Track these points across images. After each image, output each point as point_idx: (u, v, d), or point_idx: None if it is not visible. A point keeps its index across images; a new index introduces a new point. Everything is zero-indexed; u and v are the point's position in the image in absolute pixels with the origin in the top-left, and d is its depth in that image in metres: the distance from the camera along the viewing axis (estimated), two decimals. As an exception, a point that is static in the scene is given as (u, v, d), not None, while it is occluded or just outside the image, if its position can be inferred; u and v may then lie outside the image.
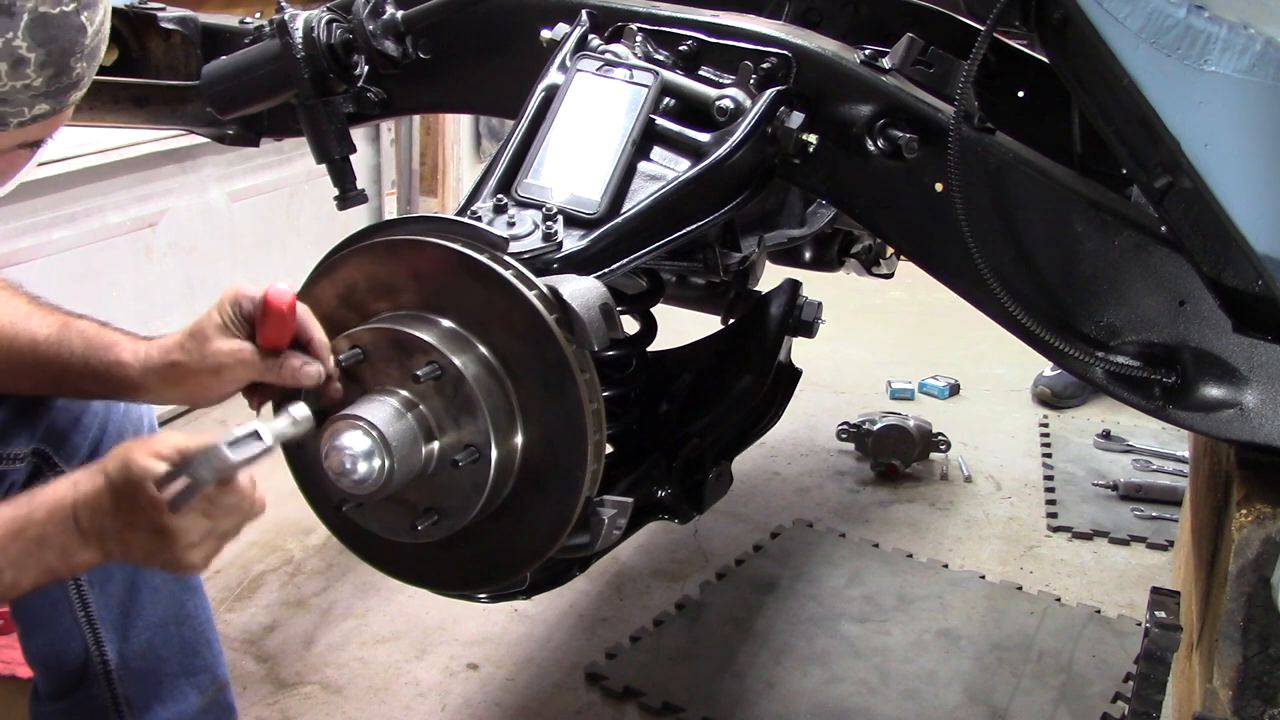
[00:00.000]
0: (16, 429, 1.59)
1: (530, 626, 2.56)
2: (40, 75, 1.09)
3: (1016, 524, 3.12)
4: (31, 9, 1.06)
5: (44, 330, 1.45)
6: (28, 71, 1.08)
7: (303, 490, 1.39)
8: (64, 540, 1.19)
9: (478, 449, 1.21)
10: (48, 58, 1.09)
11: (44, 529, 1.19)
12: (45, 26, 1.07)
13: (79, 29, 1.10)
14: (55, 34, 1.08)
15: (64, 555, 1.20)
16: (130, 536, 1.19)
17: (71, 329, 1.44)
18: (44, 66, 1.09)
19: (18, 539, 1.19)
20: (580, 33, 1.57)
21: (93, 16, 1.12)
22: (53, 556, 1.20)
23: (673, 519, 1.78)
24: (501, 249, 1.25)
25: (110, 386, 1.44)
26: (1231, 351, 1.32)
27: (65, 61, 1.11)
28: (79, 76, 1.14)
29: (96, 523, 1.19)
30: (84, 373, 1.43)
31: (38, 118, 1.12)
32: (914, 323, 4.50)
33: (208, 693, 1.77)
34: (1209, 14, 1.12)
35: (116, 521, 1.18)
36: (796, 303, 1.96)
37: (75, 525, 1.19)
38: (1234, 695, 1.29)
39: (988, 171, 1.41)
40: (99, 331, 1.44)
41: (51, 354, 1.43)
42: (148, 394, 1.43)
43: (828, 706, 2.32)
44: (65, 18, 1.09)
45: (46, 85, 1.10)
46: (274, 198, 3.94)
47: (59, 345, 1.43)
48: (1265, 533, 1.24)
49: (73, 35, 1.10)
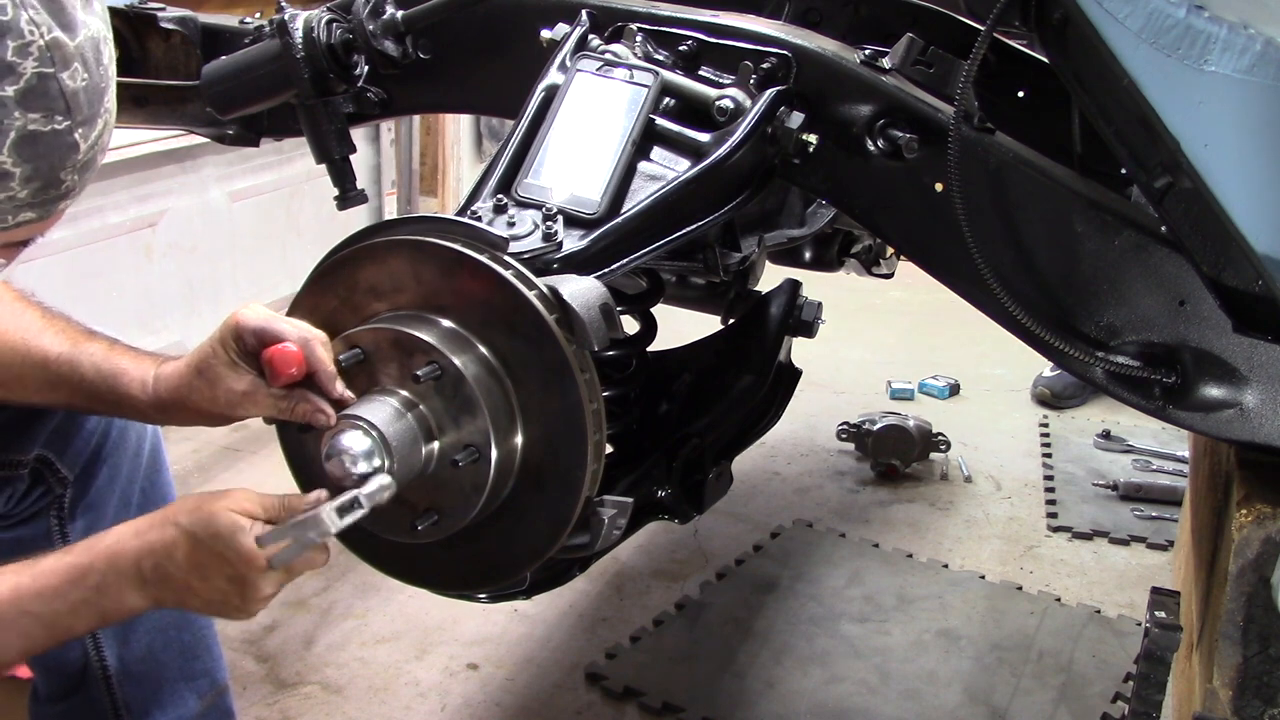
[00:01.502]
0: (19, 435, 1.59)
1: (530, 626, 2.56)
2: (26, 188, 1.04)
3: (1016, 524, 3.12)
4: (20, 127, 1.00)
5: (55, 349, 1.44)
6: (12, 185, 1.03)
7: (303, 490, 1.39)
8: (121, 587, 1.21)
9: (478, 449, 1.21)
10: (34, 172, 1.04)
11: (104, 577, 1.21)
12: (33, 144, 1.02)
13: (71, 146, 1.05)
14: (44, 151, 1.03)
15: (119, 602, 1.22)
16: (200, 586, 1.20)
17: (82, 352, 1.43)
18: (30, 180, 1.04)
19: (78, 586, 1.21)
20: (580, 33, 1.57)
21: (88, 134, 1.07)
22: (108, 603, 1.22)
23: (673, 519, 1.78)
24: (501, 249, 1.25)
25: (119, 413, 1.45)
26: (1231, 351, 1.32)
27: (54, 175, 1.06)
28: (69, 188, 1.09)
29: (161, 572, 1.20)
30: (92, 396, 1.43)
31: (22, 224, 1.08)
32: (914, 323, 4.50)
33: (207, 697, 1.77)
34: (1209, 14, 1.12)
35: (187, 571, 1.19)
36: (796, 303, 1.96)
37: (137, 573, 1.20)
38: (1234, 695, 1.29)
39: (988, 171, 1.41)
40: (108, 357, 1.42)
41: (63, 374, 1.43)
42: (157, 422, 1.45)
43: (828, 706, 2.32)
44: (56, 136, 1.03)
45: (33, 197, 1.05)
46: (274, 198, 3.95)
47: (70, 369, 1.43)
48: (1265, 533, 1.24)
49: (64, 152, 1.05)
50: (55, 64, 1.01)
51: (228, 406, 1.31)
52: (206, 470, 3.24)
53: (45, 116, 1.02)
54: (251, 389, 1.28)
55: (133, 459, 1.69)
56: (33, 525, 1.64)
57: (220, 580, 1.19)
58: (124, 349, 1.44)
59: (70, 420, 1.61)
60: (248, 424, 3.23)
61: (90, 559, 1.21)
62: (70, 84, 1.02)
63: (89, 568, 1.21)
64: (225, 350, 1.29)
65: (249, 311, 1.28)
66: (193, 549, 1.18)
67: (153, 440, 1.72)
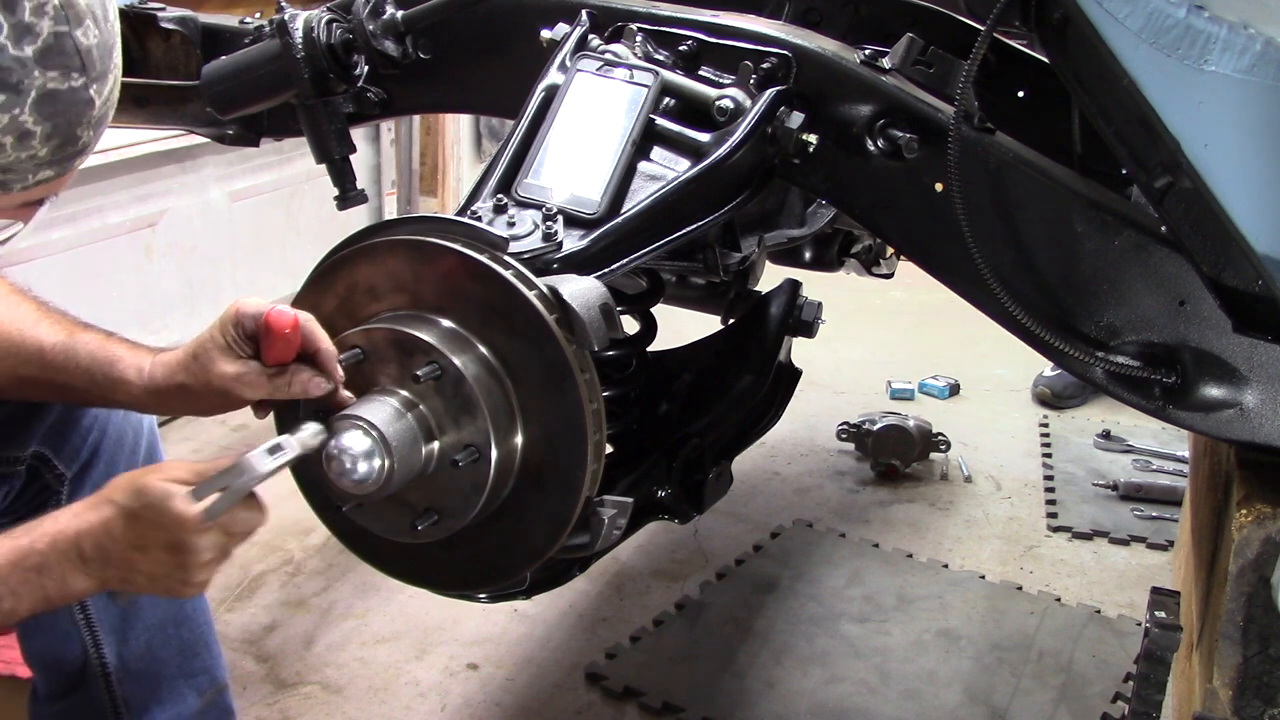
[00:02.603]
0: (16, 431, 1.59)
1: (530, 626, 2.56)
2: (46, 146, 1.07)
3: (1016, 524, 3.12)
4: (40, 86, 1.03)
5: (50, 339, 1.44)
6: (33, 143, 1.06)
7: (303, 490, 1.39)
8: (63, 569, 1.20)
9: (478, 449, 1.21)
10: (54, 130, 1.07)
11: (45, 558, 1.20)
12: (53, 102, 1.05)
13: (87, 102, 1.08)
14: (63, 108, 1.06)
15: (62, 584, 1.21)
16: (139, 560, 1.19)
17: (77, 341, 1.44)
18: (50, 138, 1.07)
19: (18, 568, 1.21)
20: (580, 33, 1.57)
21: (101, 89, 1.10)
22: (51, 585, 1.21)
23: (673, 519, 1.78)
24: (501, 249, 1.25)
25: (114, 401, 1.45)
26: (1231, 351, 1.32)
27: (71, 132, 1.09)
28: (85, 144, 1.12)
29: (101, 550, 1.20)
30: (88, 386, 1.43)
31: (42, 182, 1.11)
32: (914, 323, 4.50)
33: (206, 695, 1.77)
34: (1209, 14, 1.12)
35: (125, 547, 1.19)
36: (796, 303, 1.96)
37: (77, 553, 1.20)
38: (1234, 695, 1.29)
39: (988, 171, 1.41)
40: (103, 345, 1.43)
41: (58, 364, 1.43)
42: (152, 409, 1.44)
43: (828, 706, 2.32)
44: (73, 93, 1.06)
45: (52, 155, 1.09)
46: (274, 198, 3.94)
47: (65, 357, 1.43)
48: (1265, 533, 1.24)
49: (80, 109, 1.08)
50: (70, 22, 1.04)
51: (221, 389, 1.31)
52: (206, 470, 3.23)
53: (62, 74, 1.05)
54: (246, 370, 1.29)
55: (129, 456, 1.69)
56: None
57: (159, 550, 1.18)
58: (120, 339, 1.45)
59: (67, 417, 1.61)
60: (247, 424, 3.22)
61: (30, 540, 1.21)
62: (84, 41, 1.06)
63: (29, 549, 1.20)
64: (223, 335, 1.29)
65: (248, 299, 1.29)
66: (128, 523, 1.18)
67: (149, 438, 1.72)
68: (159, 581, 1.22)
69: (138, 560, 1.20)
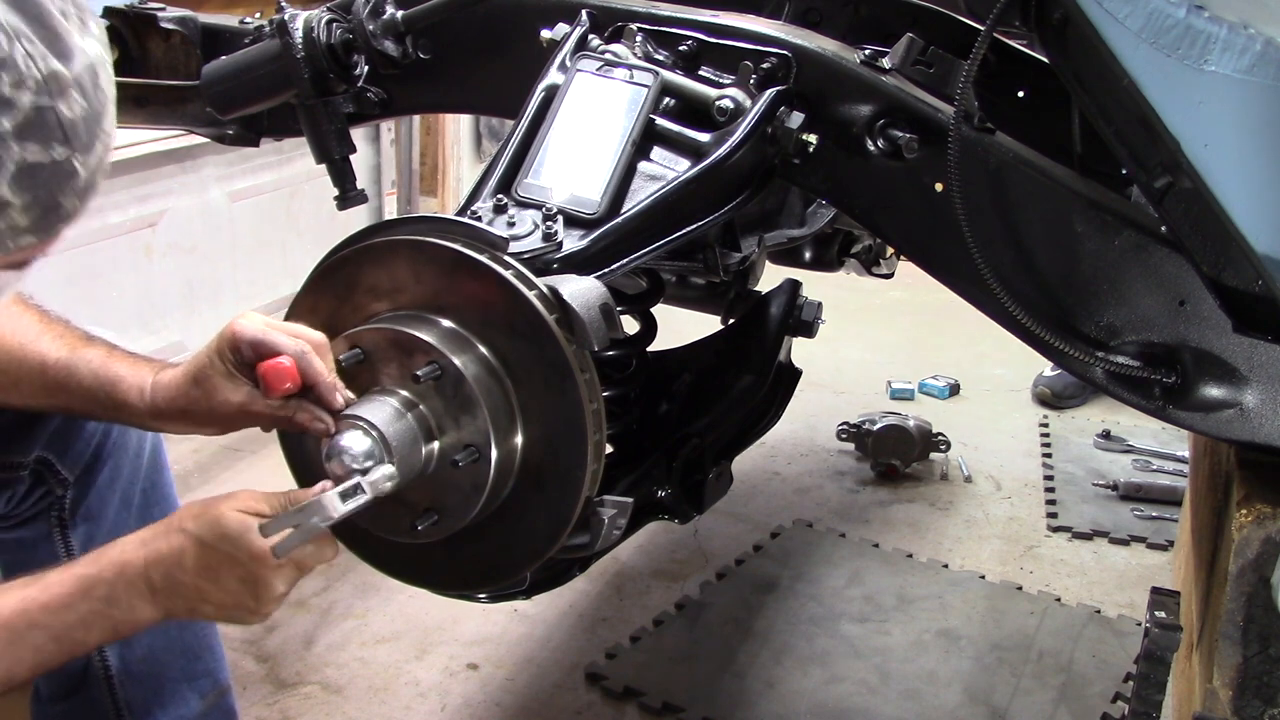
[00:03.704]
0: (19, 436, 1.59)
1: (530, 626, 2.56)
2: (26, 216, 1.02)
3: (1016, 524, 3.12)
4: (19, 160, 0.98)
5: (53, 354, 1.43)
6: (12, 214, 1.01)
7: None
8: (131, 598, 1.20)
9: (478, 449, 1.21)
10: (34, 200, 1.01)
11: (112, 588, 1.20)
12: (32, 175, 0.99)
13: (70, 174, 1.02)
14: (44, 181, 1.01)
15: (130, 613, 1.21)
16: (210, 591, 1.19)
17: (79, 358, 1.43)
18: (29, 209, 1.02)
19: (87, 598, 1.20)
20: (580, 33, 1.57)
21: (87, 160, 1.04)
22: (119, 614, 1.21)
23: (673, 519, 1.78)
24: (501, 249, 1.25)
25: (116, 418, 1.45)
26: (1231, 351, 1.32)
27: (54, 202, 1.04)
28: (69, 212, 1.07)
29: (171, 580, 1.19)
30: (90, 402, 1.42)
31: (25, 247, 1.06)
32: (914, 323, 4.50)
33: (208, 698, 1.77)
34: (1209, 14, 1.12)
35: (198, 577, 1.19)
36: (796, 303, 1.96)
37: (146, 583, 1.20)
38: (1234, 695, 1.29)
39: (988, 171, 1.41)
40: (105, 363, 1.42)
41: (60, 380, 1.43)
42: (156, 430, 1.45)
43: (828, 706, 2.32)
44: (56, 166, 1.01)
45: (34, 223, 1.03)
46: (274, 198, 3.94)
47: (67, 373, 1.42)
48: (1265, 533, 1.24)
49: (62, 180, 1.02)
50: (53, 95, 0.99)
51: (225, 418, 1.31)
52: (207, 470, 3.24)
53: (43, 148, 1.00)
54: (249, 400, 1.29)
55: (133, 460, 1.69)
56: (33, 527, 1.64)
57: (232, 582, 1.18)
58: (122, 355, 1.44)
59: (70, 422, 1.61)
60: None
61: (98, 570, 1.21)
62: (68, 114, 1.00)
63: (97, 579, 1.20)
64: (222, 361, 1.29)
65: (246, 321, 1.27)
66: (202, 553, 1.18)
67: (153, 441, 1.72)
68: (226, 611, 1.22)
69: (209, 590, 1.19)
